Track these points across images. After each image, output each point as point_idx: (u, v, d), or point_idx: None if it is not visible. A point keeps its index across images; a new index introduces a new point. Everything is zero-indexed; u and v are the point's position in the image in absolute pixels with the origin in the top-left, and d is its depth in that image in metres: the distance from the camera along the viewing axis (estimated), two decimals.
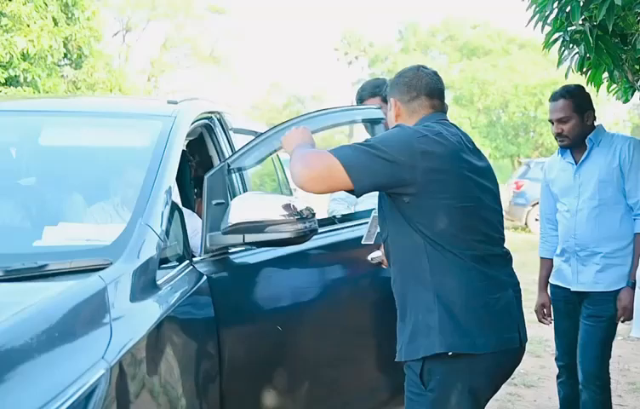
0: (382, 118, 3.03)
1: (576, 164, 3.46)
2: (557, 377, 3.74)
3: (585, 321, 3.43)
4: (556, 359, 3.75)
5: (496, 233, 2.34)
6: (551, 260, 3.66)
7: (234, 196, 2.63)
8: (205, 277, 2.35)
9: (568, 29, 3.25)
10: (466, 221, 2.26)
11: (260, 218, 2.35)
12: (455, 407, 2.26)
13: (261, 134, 2.79)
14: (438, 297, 2.22)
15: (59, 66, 13.10)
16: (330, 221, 3.12)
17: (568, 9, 3.05)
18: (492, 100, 24.38)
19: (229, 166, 2.67)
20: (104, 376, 1.56)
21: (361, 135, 3.72)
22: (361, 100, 3.54)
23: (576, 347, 3.49)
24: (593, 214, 3.39)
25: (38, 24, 11.54)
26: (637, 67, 3.45)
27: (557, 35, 3.32)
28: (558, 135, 3.46)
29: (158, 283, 2.06)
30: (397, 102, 2.43)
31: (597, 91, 3.85)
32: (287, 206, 2.41)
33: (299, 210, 2.40)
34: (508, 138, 23.87)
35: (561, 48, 3.40)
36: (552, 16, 3.23)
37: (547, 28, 3.32)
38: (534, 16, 3.28)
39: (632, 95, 4.11)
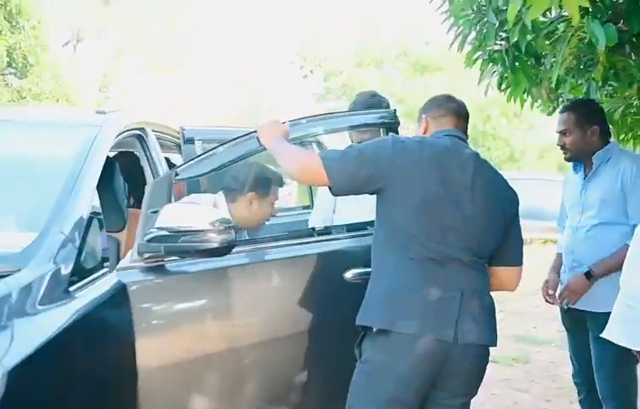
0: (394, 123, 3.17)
1: (585, 179, 3.41)
2: (578, 393, 3.68)
3: (593, 344, 3.35)
4: (573, 376, 3.72)
5: (458, 242, 2.44)
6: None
7: None
8: (123, 285, 2.34)
9: (487, 49, 3.38)
10: (421, 223, 2.41)
11: (184, 227, 2.37)
12: (379, 381, 2.40)
13: (219, 145, 2.78)
14: (372, 280, 2.51)
15: (2, 74, 12.86)
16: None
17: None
18: None
19: (177, 174, 2.68)
20: None
21: None
22: None
23: (589, 364, 3.42)
24: (592, 232, 3.33)
25: None
26: (552, 85, 3.58)
27: (477, 54, 3.45)
28: (561, 148, 3.45)
29: (71, 290, 2.07)
30: (428, 118, 2.72)
31: (522, 107, 3.98)
32: (212, 217, 2.43)
33: (221, 221, 2.43)
34: None
35: (481, 66, 3.53)
36: (472, 36, 3.36)
37: (468, 47, 3.45)
38: (455, 37, 3.42)
39: (554, 110, 4.28)
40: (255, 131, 2.70)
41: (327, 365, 2.80)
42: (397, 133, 3.07)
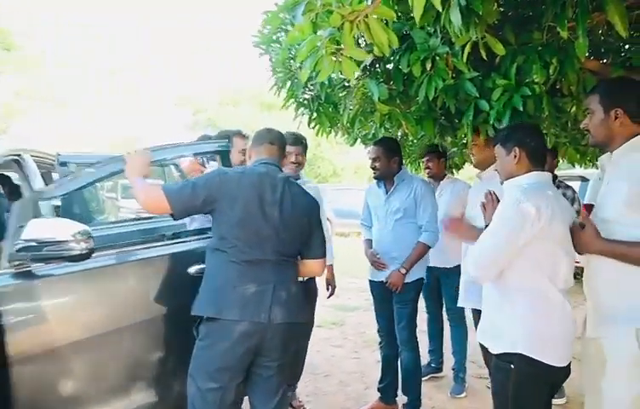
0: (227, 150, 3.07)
1: (387, 193, 3.71)
2: (379, 342, 3.93)
3: (395, 305, 3.68)
4: (378, 331, 3.94)
5: (270, 247, 2.43)
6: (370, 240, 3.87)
7: None
8: None
9: (297, 97, 3.42)
10: (240, 234, 2.38)
11: (47, 238, 2.19)
12: (211, 355, 2.37)
13: (83, 168, 2.59)
14: (205, 279, 2.46)
15: None
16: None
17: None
18: None
19: (40, 194, 2.47)
20: None
21: None
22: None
23: (388, 320, 3.76)
24: (393, 230, 3.65)
25: None
26: (348, 125, 3.71)
27: (290, 101, 3.48)
28: (372, 170, 3.72)
29: None
30: (251, 149, 2.68)
31: (327, 138, 4.12)
32: (74, 229, 2.25)
33: (81, 232, 2.26)
34: None
35: (295, 109, 3.58)
36: (287, 86, 3.39)
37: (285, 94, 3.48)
38: (272, 86, 3.43)
39: (355, 142, 4.46)
40: (116, 158, 2.56)
41: (175, 343, 2.69)
42: (229, 158, 3.07)
